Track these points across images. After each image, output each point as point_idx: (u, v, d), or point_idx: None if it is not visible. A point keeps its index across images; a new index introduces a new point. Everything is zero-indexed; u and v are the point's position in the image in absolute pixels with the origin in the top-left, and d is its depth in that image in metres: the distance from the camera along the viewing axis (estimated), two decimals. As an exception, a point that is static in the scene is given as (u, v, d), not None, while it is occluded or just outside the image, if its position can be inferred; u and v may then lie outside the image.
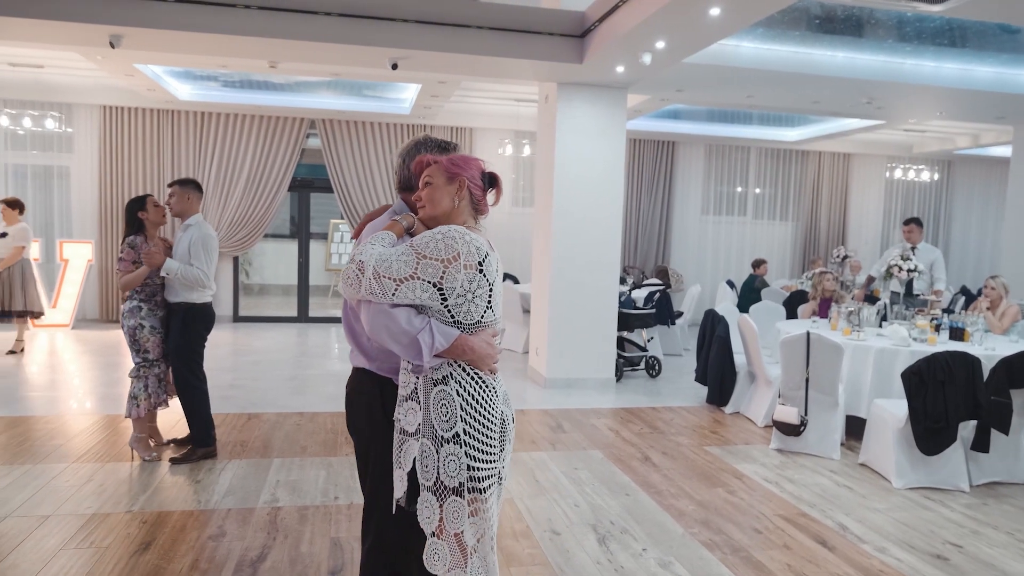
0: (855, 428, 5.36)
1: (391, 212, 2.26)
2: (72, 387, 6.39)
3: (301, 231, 10.46)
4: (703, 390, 6.56)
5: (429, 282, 1.90)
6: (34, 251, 8.76)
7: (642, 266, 11.31)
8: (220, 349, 8.34)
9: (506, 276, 9.89)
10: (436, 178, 2.06)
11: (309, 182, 10.46)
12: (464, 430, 1.94)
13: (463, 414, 1.95)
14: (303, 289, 10.52)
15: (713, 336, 6.29)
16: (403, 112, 9.49)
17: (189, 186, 4.43)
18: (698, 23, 4.89)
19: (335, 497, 4.05)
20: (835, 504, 4.20)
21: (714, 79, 7.01)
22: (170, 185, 4.45)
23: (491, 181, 2.13)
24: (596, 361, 7.01)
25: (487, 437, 1.98)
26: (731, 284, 10.25)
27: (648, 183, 11.42)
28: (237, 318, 10.30)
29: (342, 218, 10.65)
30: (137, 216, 4.38)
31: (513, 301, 8.67)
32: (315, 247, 11.32)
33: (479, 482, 1.96)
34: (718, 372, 6.25)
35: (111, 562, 3.22)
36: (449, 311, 1.95)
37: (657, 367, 7.62)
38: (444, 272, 1.90)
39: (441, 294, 1.92)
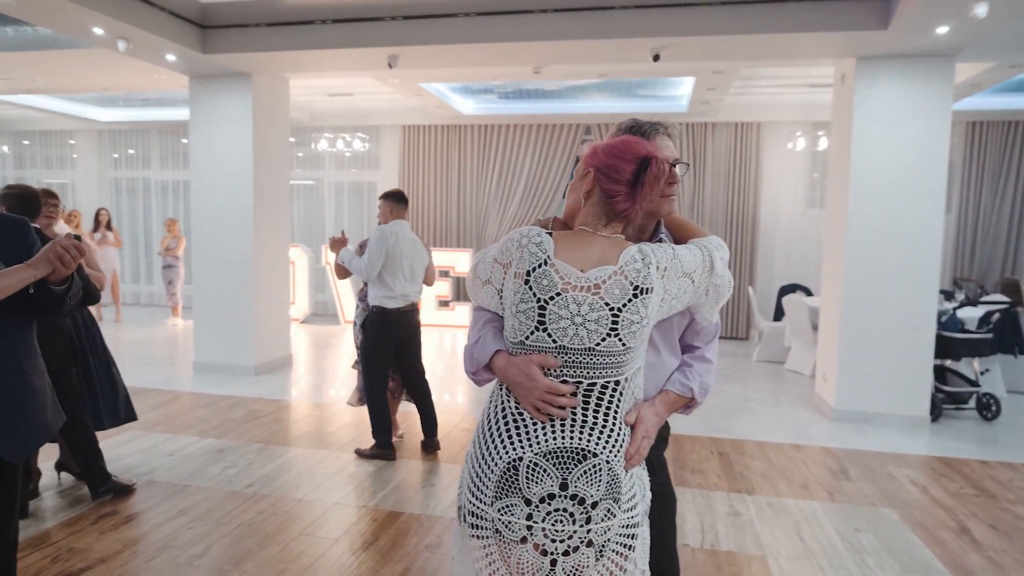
0: None
1: None
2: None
3: (575, 238, 10.45)
4: (1063, 445, 4.90)
5: (496, 288, 1.67)
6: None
7: (980, 278, 9.11)
8: (492, 351, 8.64)
9: (796, 287, 8.69)
10: (579, 171, 1.73)
11: (584, 188, 10.41)
12: (471, 454, 1.66)
13: (476, 437, 1.67)
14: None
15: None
16: (679, 110, 8.91)
17: (388, 198, 4.68)
18: (1060, -54, 3.58)
19: (559, 523, 3.72)
20: None
21: (1092, 29, 5.23)
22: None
23: (642, 168, 1.58)
24: (902, 393, 5.68)
25: (479, 478, 1.60)
26: (1118, 304, 7.68)
27: (992, 175, 9.16)
28: (514, 322, 10.65)
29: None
30: None
31: (801, 316, 7.54)
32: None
33: (468, 516, 1.61)
34: (1088, 424, 4.58)
35: (334, 556, 3.30)
36: (509, 322, 1.67)
37: (994, 407, 5.94)
38: (504, 278, 1.64)
39: (503, 303, 1.67)
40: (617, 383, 1.59)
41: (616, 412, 1.59)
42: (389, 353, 4.69)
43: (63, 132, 11.95)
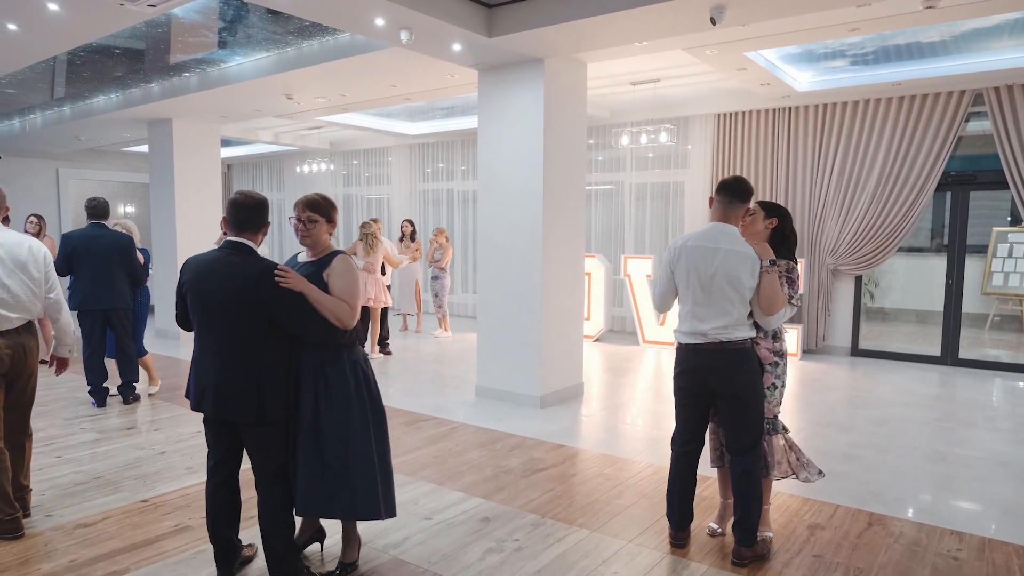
0: None
1: None
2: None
3: (954, 242, 7.81)
4: None
5: None
6: (647, 267, 8.77)
7: None
8: (832, 393, 6.63)
9: None
10: None
11: (969, 177, 7.73)
12: None
13: None
14: (951, 320, 7.84)
15: None
16: None
17: (718, 191, 3.45)
18: None
19: None
20: None
21: None
22: None
23: None
24: None
25: None
26: None
27: None
28: (856, 351, 8.37)
29: (1016, 224, 7.55)
30: None
31: None
32: (967, 264, 8.45)
33: None
34: None
35: None
36: None
37: None
38: None
39: None
40: None
41: None
42: (691, 402, 3.31)
43: (383, 149, 12.68)
